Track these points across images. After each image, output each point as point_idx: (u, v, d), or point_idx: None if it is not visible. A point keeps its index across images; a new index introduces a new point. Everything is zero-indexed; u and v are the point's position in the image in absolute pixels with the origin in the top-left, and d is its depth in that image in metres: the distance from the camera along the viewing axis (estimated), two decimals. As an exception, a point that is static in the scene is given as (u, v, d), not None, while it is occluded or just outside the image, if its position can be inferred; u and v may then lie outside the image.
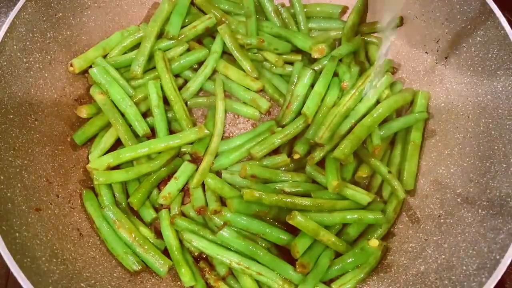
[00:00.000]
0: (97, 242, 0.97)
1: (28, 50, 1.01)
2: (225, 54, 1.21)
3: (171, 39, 1.16)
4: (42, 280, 0.80)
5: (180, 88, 1.15)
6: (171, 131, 1.11)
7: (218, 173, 1.07)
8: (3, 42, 0.94)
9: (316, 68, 1.14)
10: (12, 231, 0.82)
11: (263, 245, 0.96)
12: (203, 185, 1.05)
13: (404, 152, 1.06)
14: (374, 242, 0.92)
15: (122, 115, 1.08)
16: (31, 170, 0.96)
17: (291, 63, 1.19)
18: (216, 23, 1.19)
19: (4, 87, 0.94)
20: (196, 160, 1.10)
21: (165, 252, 0.98)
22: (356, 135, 1.00)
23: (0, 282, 1.03)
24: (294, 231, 0.95)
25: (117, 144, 1.08)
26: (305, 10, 1.24)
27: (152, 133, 1.10)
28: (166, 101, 1.12)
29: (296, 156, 1.03)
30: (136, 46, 1.17)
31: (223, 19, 1.21)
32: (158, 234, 1.02)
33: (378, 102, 1.08)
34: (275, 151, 1.08)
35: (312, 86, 1.11)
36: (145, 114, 1.12)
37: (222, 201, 1.05)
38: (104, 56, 1.15)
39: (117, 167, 1.04)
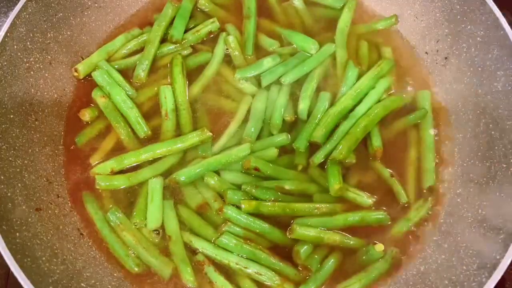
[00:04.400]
0: (98, 242, 0.97)
1: (29, 50, 1.01)
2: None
3: (175, 43, 1.16)
4: (43, 280, 0.80)
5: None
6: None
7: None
8: (3, 42, 0.94)
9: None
10: (12, 231, 0.82)
11: (264, 242, 0.95)
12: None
13: (419, 151, 1.05)
14: (379, 247, 0.92)
15: (123, 117, 1.07)
16: (31, 170, 0.96)
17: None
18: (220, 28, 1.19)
19: (4, 87, 0.94)
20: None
21: (166, 253, 0.98)
22: (352, 135, 1.01)
23: (0, 282, 1.03)
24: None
25: (118, 145, 1.08)
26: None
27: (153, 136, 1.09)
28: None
29: (299, 168, 1.02)
30: (138, 49, 1.17)
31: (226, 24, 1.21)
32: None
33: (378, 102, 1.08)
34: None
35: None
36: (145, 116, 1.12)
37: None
38: (108, 59, 1.14)
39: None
